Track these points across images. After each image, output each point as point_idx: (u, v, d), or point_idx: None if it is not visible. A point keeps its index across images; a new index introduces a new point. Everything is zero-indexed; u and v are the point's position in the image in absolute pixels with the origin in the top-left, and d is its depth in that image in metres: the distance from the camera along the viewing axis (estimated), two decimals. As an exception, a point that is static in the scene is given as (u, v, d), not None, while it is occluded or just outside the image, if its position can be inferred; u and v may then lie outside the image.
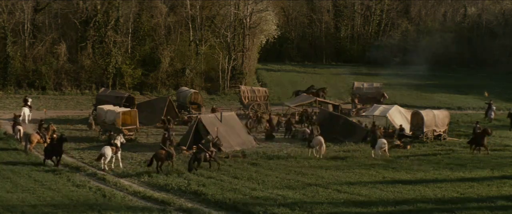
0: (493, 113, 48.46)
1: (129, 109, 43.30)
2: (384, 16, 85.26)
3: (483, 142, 35.47)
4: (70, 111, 50.99)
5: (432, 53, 75.73)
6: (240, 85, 57.22)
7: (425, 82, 68.69)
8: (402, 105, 47.70)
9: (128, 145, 37.49)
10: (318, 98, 52.45)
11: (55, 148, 31.75)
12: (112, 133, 34.14)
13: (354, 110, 52.26)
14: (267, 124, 43.46)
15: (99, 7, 61.16)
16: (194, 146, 35.99)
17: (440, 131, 40.67)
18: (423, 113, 40.97)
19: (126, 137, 39.55)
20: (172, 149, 31.72)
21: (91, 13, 61.22)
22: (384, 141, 34.93)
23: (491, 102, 49.35)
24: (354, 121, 44.27)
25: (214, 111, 46.15)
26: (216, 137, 34.56)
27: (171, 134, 35.59)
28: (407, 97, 59.73)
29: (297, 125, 44.86)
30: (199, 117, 38.89)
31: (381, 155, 34.28)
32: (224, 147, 35.28)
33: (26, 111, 45.07)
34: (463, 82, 71.27)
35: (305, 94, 54.54)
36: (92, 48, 60.93)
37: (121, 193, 26.21)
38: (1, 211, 22.97)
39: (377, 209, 23.25)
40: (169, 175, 29.13)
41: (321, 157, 34.08)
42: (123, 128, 40.02)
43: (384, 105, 45.07)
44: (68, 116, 48.67)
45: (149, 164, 30.47)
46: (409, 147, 37.42)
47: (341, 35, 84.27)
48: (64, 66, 60.23)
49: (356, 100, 54.26)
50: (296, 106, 50.80)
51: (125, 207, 23.75)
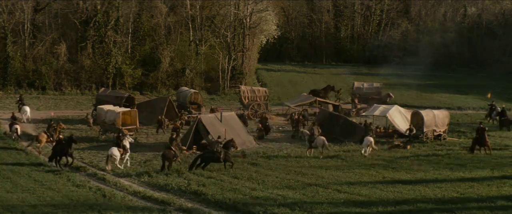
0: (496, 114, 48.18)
1: (129, 109, 43.34)
2: (384, 16, 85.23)
3: (487, 142, 35.52)
4: (70, 111, 50.99)
5: (432, 53, 75.71)
6: (240, 85, 57.19)
7: (425, 82, 68.63)
8: (402, 105, 47.65)
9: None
10: (318, 98, 52.45)
11: (64, 148, 31.48)
12: (121, 134, 33.75)
13: (354, 110, 52.26)
14: (260, 125, 43.37)
15: (99, 7, 61.16)
16: (194, 146, 36.11)
17: (440, 131, 40.69)
18: (423, 113, 40.99)
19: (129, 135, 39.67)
20: (177, 149, 31.70)
21: (91, 13, 61.22)
22: (370, 138, 35.14)
23: (494, 103, 49.28)
24: (354, 120, 44.30)
25: (213, 111, 46.08)
26: (230, 138, 34.47)
27: (178, 135, 35.63)
28: (407, 97, 59.68)
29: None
30: (199, 117, 38.90)
31: (369, 152, 34.57)
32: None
33: (27, 109, 45.15)
34: (463, 82, 71.24)
35: (305, 94, 54.54)
36: (92, 48, 60.93)
37: (121, 193, 26.22)
38: (1, 211, 22.97)
39: (377, 209, 23.25)
40: (169, 175, 29.12)
41: (321, 157, 34.10)
42: (123, 128, 40.06)
43: (384, 105, 45.05)
44: (68, 116, 48.66)
45: (162, 168, 30.12)
46: (409, 147, 37.43)
47: (341, 35, 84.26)
48: (64, 66, 60.24)
49: (356, 100, 54.26)
50: (296, 106, 50.80)
51: (125, 207, 23.75)
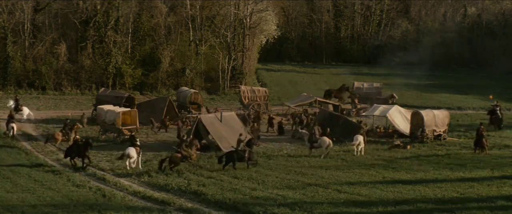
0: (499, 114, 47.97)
1: (129, 108, 43.32)
2: (384, 16, 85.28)
3: (483, 143, 35.45)
4: (70, 111, 50.93)
5: (432, 53, 75.72)
6: (240, 85, 57.21)
7: (425, 82, 68.62)
8: (402, 105, 47.62)
9: (128, 145, 37.49)
10: (318, 98, 52.45)
11: (80, 150, 31.21)
12: (133, 134, 33.50)
13: (354, 110, 52.26)
14: (254, 124, 43.32)
15: (99, 7, 61.18)
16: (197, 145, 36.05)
17: (440, 131, 40.68)
18: (423, 113, 40.96)
19: (126, 136, 39.61)
20: (190, 151, 31.69)
21: (91, 13, 61.24)
22: (360, 137, 35.43)
23: (498, 104, 49.21)
24: (354, 120, 44.26)
25: (208, 111, 46.33)
26: (250, 137, 34.70)
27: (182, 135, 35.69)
28: (407, 97, 59.64)
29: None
30: (199, 117, 38.88)
31: (360, 150, 35.03)
32: (224, 147, 35.24)
33: (26, 110, 45.15)
34: (463, 82, 71.25)
35: (305, 94, 54.53)
36: (92, 48, 60.97)
37: (121, 193, 26.19)
38: (1, 211, 22.96)
39: (377, 209, 23.23)
40: (169, 175, 29.12)
41: (323, 158, 34.10)
42: (123, 128, 40.05)
43: (384, 105, 45.04)
44: (68, 115, 48.59)
45: (159, 168, 30.33)
46: (409, 147, 37.43)
47: (341, 35, 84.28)
48: (64, 66, 60.27)
49: (356, 100, 54.25)
50: (296, 106, 50.81)
51: (125, 207, 23.73)
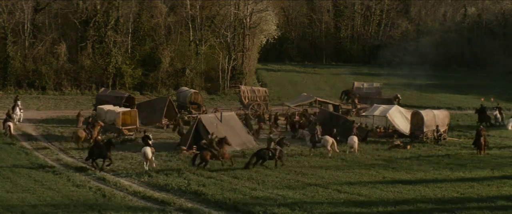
0: (499, 116, 47.87)
1: (129, 108, 43.33)
2: (384, 16, 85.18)
3: (482, 144, 35.46)
4: (70, 111, 50.92)
5: (432, 53, 75.68)
6: (240, 85, 57.18)
7: (425, 82, 68.57)
8: (402, 106, 47.66)
9: (129, 144, 37.59)
10: (318, 98, 52.44)
11: (101, 151, 30.93)
12: (146, 133, 33.66)
13: (354, 110, 52.24)
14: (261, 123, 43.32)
15: (99, 7, 61.15)
16: (195, 146, 36.04)
17: (440, 131, 40.65)
18: (423, 113, 40.98)
19: (126, 136, 39.70)
20: (222, 150, 31.81)
21: (91, 13, 61.21)
22: (354, 138, 35.95)
23: (499, 105, 49.21)
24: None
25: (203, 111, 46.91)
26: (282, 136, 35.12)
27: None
28: (407, 97, 59.62)
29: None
30: (199, 117, 38.90)
31: (354, 150, 35.60)
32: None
33: (17, 111, 45.11)
34: (463, 82, 71.21)
35: (305, 94, 54.52)
36: (92, 48, 60.93)
37: (121, 193, 26.20)
38: (1, 211, 22.96)
39: (377, 209, 23.24)
40: (169, 175, 29.14)
41: (329, 155, 34.21)
42: (123, 128, 40.07)
43: (384, 105, 45.04)
44: (68, 116, 48.64)
45: (193, 163, 31.17)
46: (409, 147, 37.45)
47: (341, 35, 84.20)
48: (64, 66, 60.24)
49: (356, 100, 54.22)
50: (296, 106, 50.80)
51: (125, 207, 23.74)
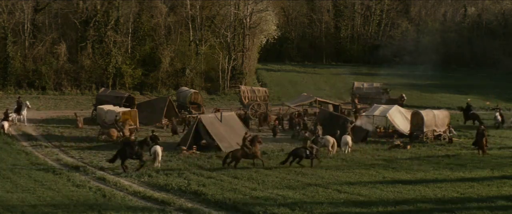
0: (499, 117, 47.80)
1: (129, 108, 43.33)
2: (384, 16, 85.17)
3: (482, 145, 35.45)
4: (70, 111, 50.92)
5: (432, 53, 75.64)
6: (240, 85, 57.18)
7: (425, 82, 68.60)
8: (402, 106, 47.61)
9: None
10: (318, 98, 52.46)
11: (132, 150, 30.35)
12: (154, 133, 33.59)
13: (354, 110, 52.19)
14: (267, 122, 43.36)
15: (99, 7, 61.16)
16: (195, 146, 36.03)
17: (440, 131, 40.68)
18: (423, 113, 40.97)
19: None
20: (254, 148, 31.82)
21: (91, 13, 61.21)
22: (348, 137, 36.02)
23: (499, 107, 49.17)
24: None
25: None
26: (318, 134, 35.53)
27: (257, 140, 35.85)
28: (407, 97, 59.58)
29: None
30: (199, 117, 38.89)
31: (349, 150, 35.67)
32: (224, 147, 35.27)
33: (13, 114, 44.96)
34: (463, 82, 71.21)
35: (305, 94, 54.55)
36: (92, 48, 60.93)
37: (121, 193, 26.19)
38: (1, 211, 22.95)
39: (377, 209, 23.23)
40: (169, 175, 29.13)
41: (331, 156, 34.30)
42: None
43: (384, 105, 45.05)
44: (68, 116, 48.63)
45: (224, 161, 31.26)
46: (409, 147, 37.45)
47: (341, 35, 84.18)
48: (64, 66, 60.24)
49: (356, 100, 54.21)
50: (296, 106, 50.81)
51: (125, 207, 23.72)
